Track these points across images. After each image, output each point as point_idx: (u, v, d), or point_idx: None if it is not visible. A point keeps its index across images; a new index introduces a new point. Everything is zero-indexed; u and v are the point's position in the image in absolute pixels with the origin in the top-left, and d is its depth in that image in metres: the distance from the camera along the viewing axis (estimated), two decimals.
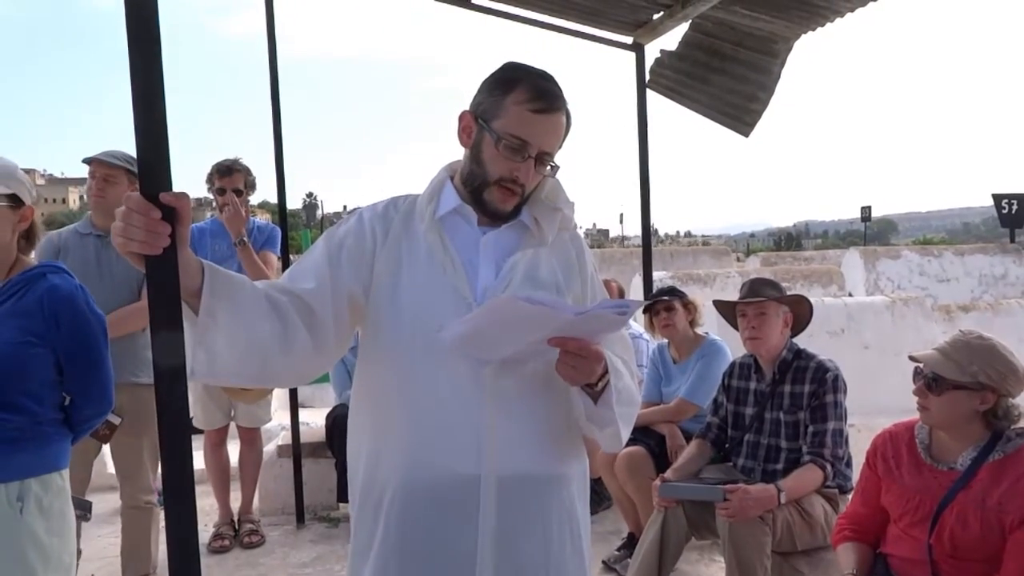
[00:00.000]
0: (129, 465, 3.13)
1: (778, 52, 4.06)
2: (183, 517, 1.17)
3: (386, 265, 1.50)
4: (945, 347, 2.15)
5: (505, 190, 1.49)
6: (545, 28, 4.61)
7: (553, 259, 1.58)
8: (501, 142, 1.45)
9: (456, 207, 1.53)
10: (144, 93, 1.13)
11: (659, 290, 3.98)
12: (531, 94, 1.46)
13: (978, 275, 8.17)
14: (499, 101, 1.47)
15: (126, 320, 3.03)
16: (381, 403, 1.51)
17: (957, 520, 2.06)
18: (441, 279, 1.49)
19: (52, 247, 3.13)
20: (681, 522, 2.87)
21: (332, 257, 1.49)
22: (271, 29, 4.26)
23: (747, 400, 3.07)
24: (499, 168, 1.47)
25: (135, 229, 1.14)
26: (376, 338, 1.51)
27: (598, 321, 1.38)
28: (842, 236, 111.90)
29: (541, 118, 1.46)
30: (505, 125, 1.46)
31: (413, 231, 1.53)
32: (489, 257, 1.52)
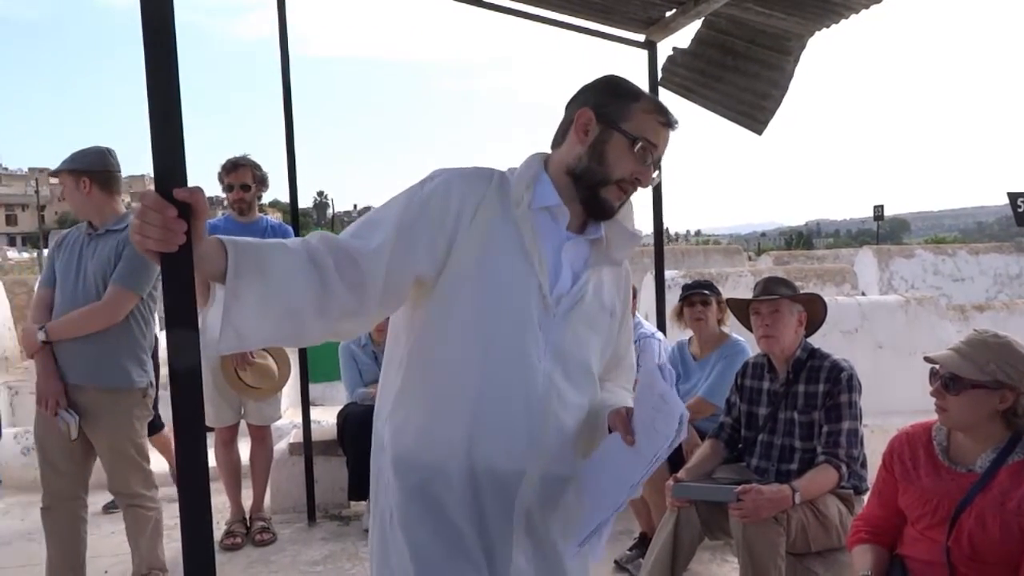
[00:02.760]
0: (106, 468, 3.12)
1: (792, 49, 4.03)
2: (199, 515, 1.17)
3: (473, 243, 1.47)
4: (961, 346, 2.12)
5: (622, 190, 1.54)
6: (558, 26, 4.59)
7: (612, 281, 1.64)
8: (638, 144, 1.50)
9: (555, 206, 1.54)
10: (160, 94, 1.14)
11: (697, 282, 3.98)
12: (657, 107, 1.56)
13: (993, 274, 8.11)
14: (627, 106, 1.53)
15: (82, 320, 2.97)
16: (442, 382, 1.50)
17: (976, 522, 2.04)
18: (527, 272, 1.49)
19: (55, 244, 3.21)
20: (694, 522, 2.85)
21: (406, 228, 1.43)
22: (283, 29, 4.27)
23: (760, 400, 3.05)
24: (625, 168, 1.52)
25: (151, 227, 1.13)
26: (450, 315, 1.49)
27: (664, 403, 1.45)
28: (854, 235, 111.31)
29: (666, 131, 1.55)
30: (638, 129, 1.51)
31: (507, 213, 1.51)
32: (567, 264, 1.55)
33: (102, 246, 3.05)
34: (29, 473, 5.13)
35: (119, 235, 3.05)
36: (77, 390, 3.01)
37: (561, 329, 1.52)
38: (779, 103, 4.18)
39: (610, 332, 1.66)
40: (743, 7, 3.83)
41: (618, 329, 1.70)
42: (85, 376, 3.01)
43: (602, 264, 1.60)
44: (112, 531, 4.14)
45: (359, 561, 3.81)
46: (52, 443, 3.04)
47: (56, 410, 2.96)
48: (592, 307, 1.57)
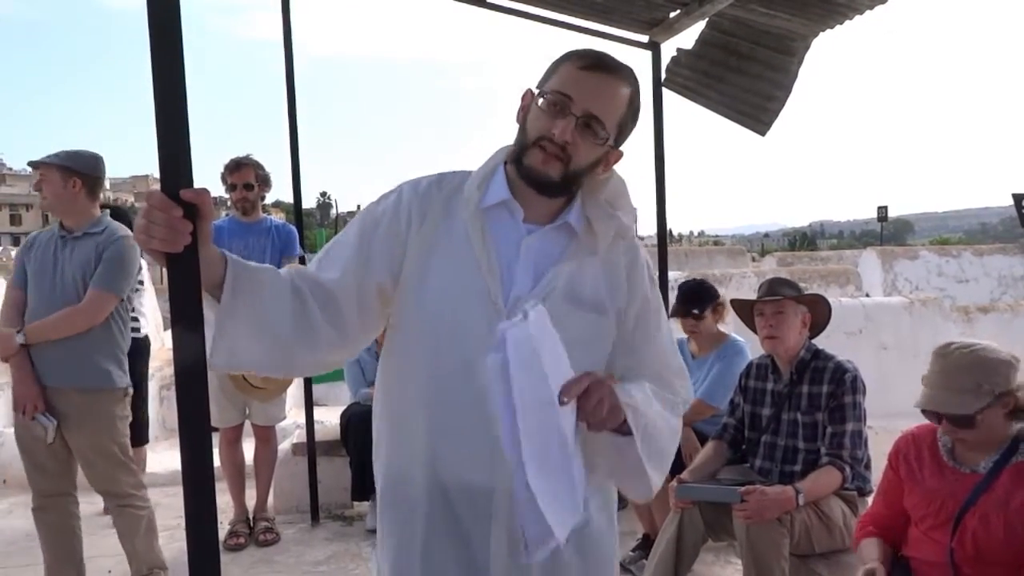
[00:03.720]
0: (86, 468, 3.11)
1: (796, 50, 4.03)
2: (203, 515, 1.17)
3: (417, 251, 1.40)
4: (944, 380, 2.09)
5: (544, 152, 1.34)
6: (561, 27, 4.59)
7: (600, 273, 1.43)
8: (543, 97, 1.35)
9: (505, 200, 1.40)
10: (166, 93, 1.13)
11: (689, 292, 3.79)
12: (585, 57, 1.37)
13: (997, 276, 8.10)
14: (555, 69, 1.38)
15: (62, 323, 2.97)
16: (400, 399, 1.45)
17: (980, 523, 2.04)
18: (473, 277, 1.36)
19: (25, 246, 3.17)
20: (698, 523, 2.85)
21: (363, 244, 1.40)
22: (287, 29, 4.28)
23: (764, 401, 3.05)
24: (538, 127, 1.35)
25: (156, 227, 1.13)
26: (399, 329, 1.44)
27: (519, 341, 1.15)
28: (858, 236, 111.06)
29: (589, 75, 1.34)
30: (552, 84, 1.36)
31: (455, 215, 1.41)
32: (529, 262, 1.39)
33: (80, 248, 3.05)
34: None
35: (97, 238, 3.06)
36: (55, 393, 2.99)
37: None
38: (783, 104, 4.17)
39: (602, 331, 1.43)
40: (747, 8, 3.83)
41: (625, 319, 1.45)
42: (64, 378, 2.99)
43: (581, 256, 1.40)
44: (113, 532, 4.15)
45: (362, 561, 3.81)
46: (34, 444, 3.03)
47: (33, 414, 2.95)
48: (565, 311, 1.35)
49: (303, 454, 4.46)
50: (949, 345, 2.16)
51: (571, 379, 1.23)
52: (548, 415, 1.17)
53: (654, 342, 1.49)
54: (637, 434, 1.33)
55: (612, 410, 1.27)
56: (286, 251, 4.12)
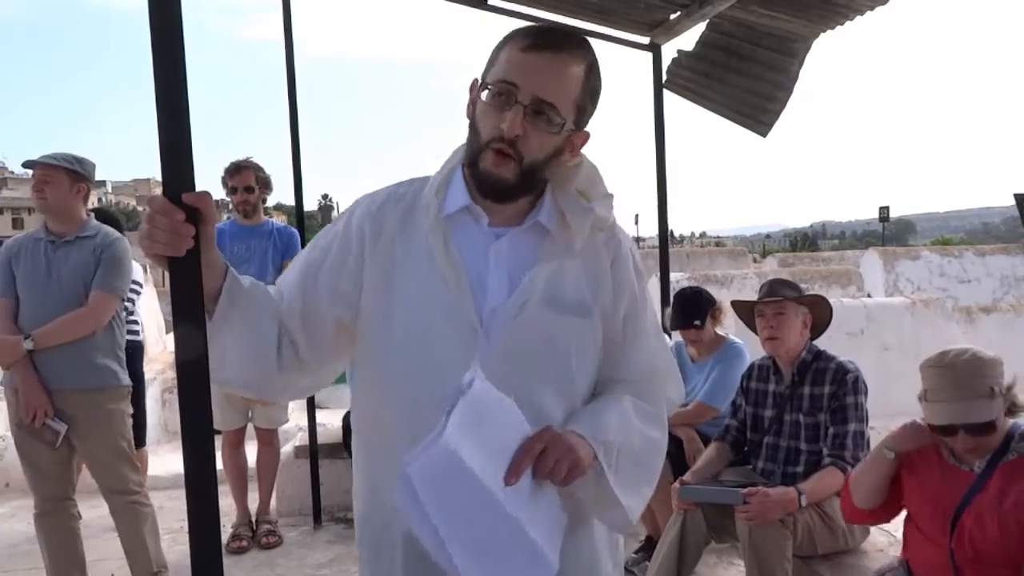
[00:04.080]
0: (95, 468, 3.13)
1: (796, 51, 4.03)
2: (207, 518, 1.17)
3: (376, 275, 1.28)
4: (960, 392, 2.08)
5: (496, 153, 1.20)
6: None
7: (581, 271, 1.29)
8: (484, 91, 1.21)
9: (466, 205, 1.27)
10: (167, 95, 1.14)
11: (686, 305, 3.73)
12: (526, 36, 1.21)
13: (999, 276, 8.09)
14: (496, 54, 1.24)
15: (70, 326, 2.99)
16: (373, 438, 1.34)
17: (975, 523, 2.04)
18: (441, 295, 1.23)
19: (7, 253, 3.11)
20: (700, 525, 2.85)
21: (307, 275, 1.31)
22: (288, 31, 4.28)
23: (766, 402, 3.04)
24: (487, 126, 1.21)
25: (159, 231, 1.13)
26: (366, 362, 1.32)
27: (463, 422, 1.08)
28: (859, 237, 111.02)
29: (533, 56, 1.19)
30: (494, 73, 1.22)
31: (414, 228, 1.28)
32: (501, 268, 1.25)
33: (76, 252, 3.05)
34: None
35: (94, 241, 3.07)
36: (60, 395, 3.00)
37: (501, 353, 1.22)
38: (784, 105, 4.17)
39: (589, 336, 1.30)
40: (748, 9, 3.83)
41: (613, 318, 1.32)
42: (70, 380, 3.00)
43: (558, 256, 1.26)
44: (115, 535, 4.15)
45: None
46: (36, 449, 3.04)
47: (44, 420, 2.96)
48: (546, 316, 1.24)
49: (305, 457, 4.46)
50: (944, 355, 2.14)
51: (522, 449, 1.13)
52: (488, 513, 1.09)
53: (642, 341, 1.38)
54: (609, 473, 1.23)
55: (573, 466, 1.17)
56: (287, 253, 4.12)
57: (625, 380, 1.35)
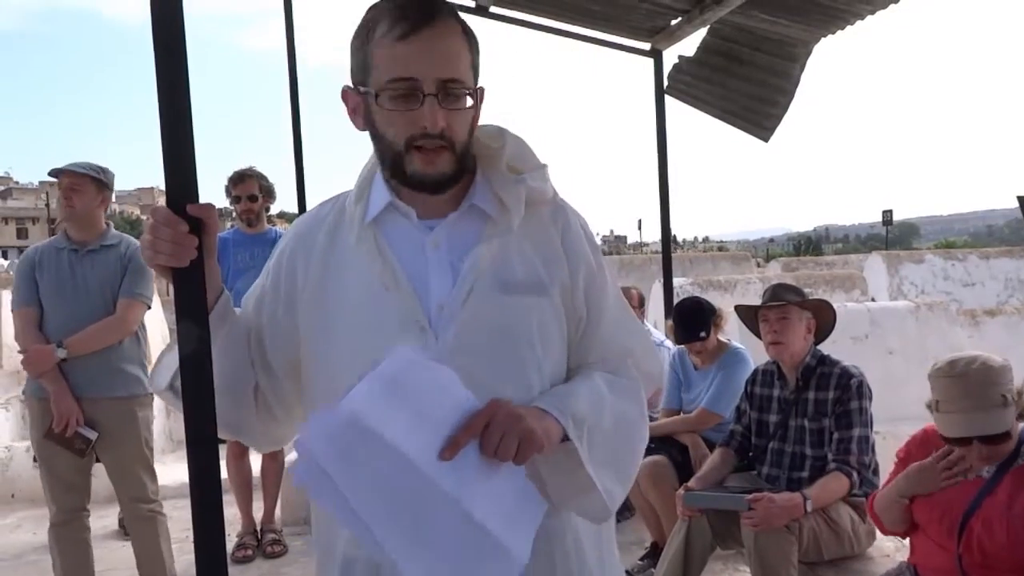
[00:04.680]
0: (119, 478, 3.14)
1: (797, 56, 4.04)
2: (212, 528, 1.17)
3: (311, 299, 1.21)
4: (975, 402, 2.07)
5: (424, 151, 1.12)
6: (563, 35, 4.62)
7: (527, 247, 1.20)
8: (381, 96, 1.12)
9: (389, 203, 1.19)
10: (171, 107, 1.15)
11: (690, 318, 3.69)
12: (390, 19, 1.11)
13: (1004, 279, 8.07)
14: (364, 54, 1.13)
15: (101, 334, 3.01)
16: None
17: (984, 528, 2.03)
18: (383, 301, 1.16)
19: (29, 262, 3.11)
20: (705, 532, 2.84)
21: (254, 325, 1.27)
22: (290, 40, 4.30)
23: (771, 407, 3.04)
24: (400, 129, 1.12)
25: (162, 242, 1.14)
26: (313, 382, 1.24)
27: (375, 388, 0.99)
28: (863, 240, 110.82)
29: (414, 40, 1.10)
30: (380, 75, 1.12)
31: (341, 243, 1.21)
32: (442, 261, 1.17)
33: (102, 261, 3.07)
34: (41, 487, 5.14)
35: (117, 249, 3.09)
36: (90, 404, 3.01)
37: (457, 347, 1.13)
38: (786, 109, 4.18)
39: (550, 313, 1.20)
40: (748, 15, 3.84)
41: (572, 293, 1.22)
42: (99, 388, 3.02)
43: (500, 236, 1.18)
44: (123, 545, 4.15)
45: None
46: (61, 459, 3.03)
47: (75, 428, 2.97)
48: (499, 300, 1.15)
49: None
50: (955, 364, 2.11)
51: (462, 423, 1.03)
52: (415, 484, 0.98)
53: (607, 315, 1.27)
54: (582, 449, 1.13)
55: (525, 440, 1.05)
56: None
57: (596, 361, 1.25)
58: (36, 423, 3.08)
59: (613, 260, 9.70)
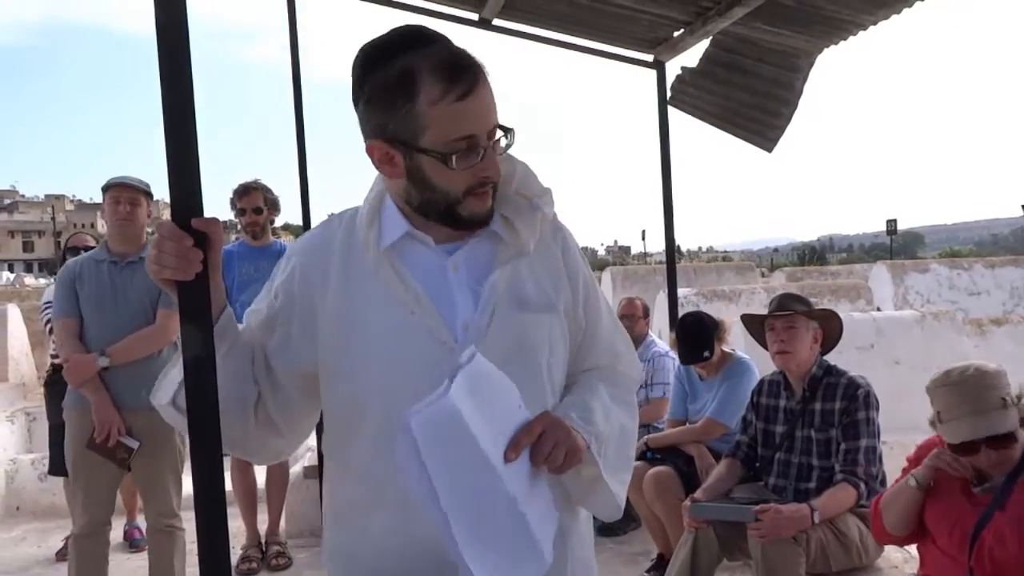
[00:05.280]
0: (150, 488, 3.15)
1: (800, 67, 4.05)
2: (216, 540, 1.17)
3: (336, 322, 1.24)
4: (973, 406, 2.07)
5: (479, 196, 1.20)
6: (565, 47, 4.64)
7: (538, 267, 1.28)
8: (452, 156, 1.15)
9: (406, 232, 1.24)
10: (175, 121, 1.15)
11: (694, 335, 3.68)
12: (444, 82, 1.13)
13: (1009, 288, 8.04)
14: (411, 113, 1.15)
15: (142, 343, 3.06)
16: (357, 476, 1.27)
17: (995, 540, 2.02)
18: (409, 322, 1.20)
19: (69, 274, 3.16)
20: (712, 543, 2.83)
21: (260, 329, 1.29)
22: (295, 54, 4.32)
23: (777, 418, 3.03)
24: (461, 181, 1.18)
25: (168, 256, 1.15)
26: (337, 408, 1.27)
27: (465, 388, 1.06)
28: (867, 250, 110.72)
29: (472, 100, 1.14)
30: (440, 134, 1.15)
31: (359, 266, 1.24)
32: (462, 283, 1.23)
33: (142, 272, 3.08)
34: (46, 499, 5.14)
35: None
36: (130, 414, 3.03)
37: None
38: (789, 120, 4.19)
39: (559, 328, 1.30)
40: (751, 26, 3.85)
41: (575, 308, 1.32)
42: (140, 399, 3.00)
43: (512, 259, 1.25)
44: (128, 557, 4.15)
45: None
46: (94, 471, 3.04)
47: (117, 438, 2.98)
48: (517, 318, 1.23)
49: (314, 477, 4.44)
50: (949, 374, 2.13)
51: (522, 428, 1.12)
52: (486, 482, 1.06)
53: (602, 324, 1.37)
54: (601, 461, 1.25)
55: (570, 453, 1.16)
56: None
57: (594, 367, 1.37)
58: (74, 434, 3.09)
59: (617, 271, 9.71)
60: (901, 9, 3.42)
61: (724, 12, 3.69)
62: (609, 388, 1.34)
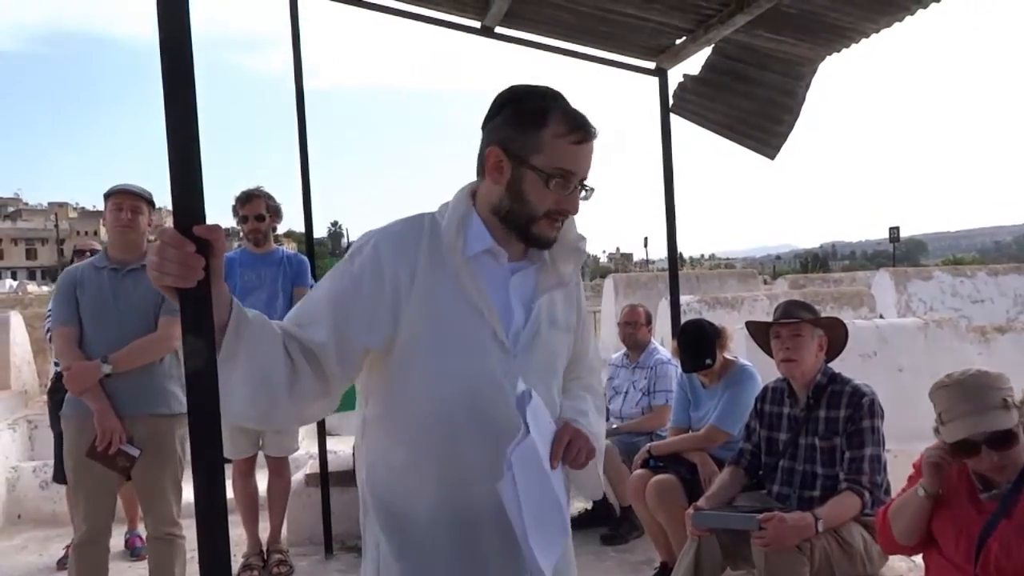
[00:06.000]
0: (151, 496, 3.14)
1: (803, 74, 4.05)
2: (216, 548, 1.16)
3: (419, 306, 1.45)
4: (972, 406, 2.06)
5: (552, 220, 1.48)
6: (568, 55, 4.64)
7: (563, 296, 1.61)
8: (552, 179, 1.44)
9: (488, 247, 1.49)
10: (179, 133, 1.15)
11: (696, 344, 3.70)
12: (568, 126, 1.44)
13: (1013, 295, 8.01)
14: (535, 135, 1.43)
15: (144, 351, 3.06)
16: (416, 442, 1.49)
17: (1001, 549, 2.01)
18: (478, 323, 1.47)
19: (70, 280, 3.14)
20: (715, 552, 2.81)
21: (340, 304, 1.43)
22: (298, 63, 4.33)
23: (781, 425, 3.01)
24: (547, 202, 1.45)
25: (170, 263, 1.15)
26: (408, 381, 1.48)
27: (537, 420, 1.41)
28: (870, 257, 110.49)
29: (582, 148, 1.46)
30: (550, 160, 1.43)
31: (441, 265, 1.47)
32: (518, 297, 1.52)
33: (144, 279, 3.05)
34: (47, 507, 5.13)
35: None
36: (132, 422, 3.02)
37: (525, 367, 1.49)
38: (791, 128, 4.18)
39: (568, 344, 1.64)
40: (753, 34, 3.86)
41: (579, 330, 1.68)
42: (141, 406, 3.04)
43: (552, 288, 1.56)
44: (129, 565, 4.14)
45: None
46: (98, 479, 3.03)
47: (118, 446, 2.97)
48: (550, 334, 1.55)
49: (316, 485, 4.43)
50: (950, 376, 2.14)
51: (556, 440, 1.46)
52: (546, 489, 1.42)
53: (588, 340, 1.74)
54: (599, 455, 1.60)
55: (589, 454, 1.51)
56: (298, 281, 4.14)
57: (579, 377, 1.71)
58: (74, 442, 3.08)
59: (619, 278, 9.69)
60: (903, 17, 3.42)
61: (726, 20, 3.69)
62: (592, 398, 1.69)
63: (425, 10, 4.49)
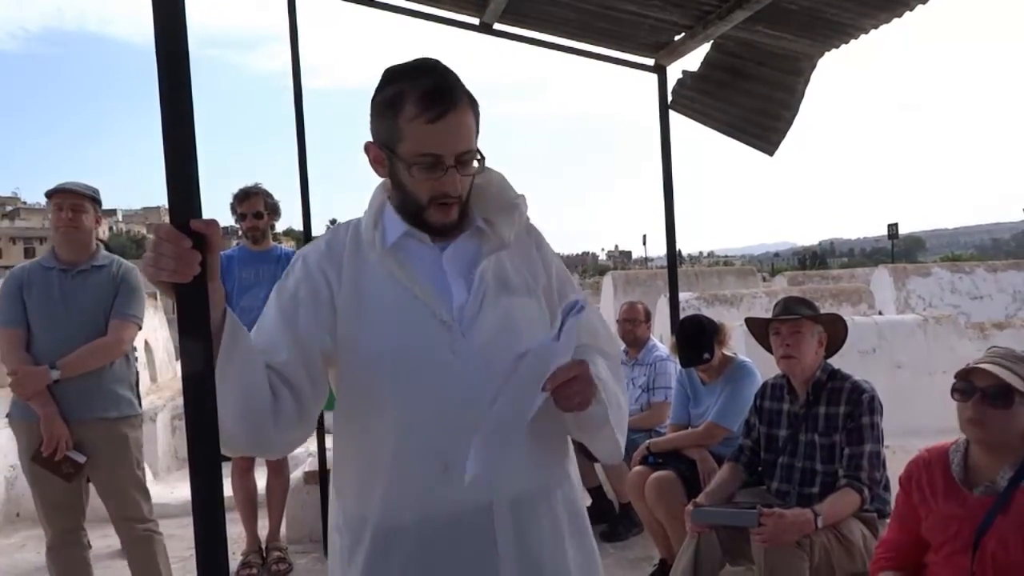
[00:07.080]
0: (116, 500, 3.10)
1: (802, 70, 4.04)
2: (214, 546, 1.16)
3: (349, 305, 1.42)
4: (1000, 360, 2.05)
5: (441, 206, 1.40)
6: (567, 52, 4.63)
7: (517, 259, 1.52)
8: (413, 167, 1.37)
9: (405, 232, 1.44)
10: (175, 127, 1.14)
11: (694, 341, 3.70)
12: (420, 106, 1.34)
13: (1012, 291, 8.01)
14: (394, 124, 1.37)
15: (94, 355, 2.99)
16: (370, 444, 1.44)
17: (998, 545, 2.00)
18: (413, 304, 1.41)
19: (16, 281, 3.05)
20: (715, 548, 2.81)
21: (289, 320, 1.40)
22: (296, 61, 4.32)
23: (780, 422, 3.01)
24: (424, 190, 1.39)
25: (165, 259, 1.13)
26: (354, 380, 1.44)
27: (569, 336, 1.35)
28: (868, 254, 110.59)
29: (441, 125, 1.35)
30: (413, 146, 1.36)
31: (366, 261, 1.45)
32: (456, 272, 1.45)
33: (94, 281, 3.05)
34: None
35: (109, 269, 3.08)
36: (80, 426, 2.98)
37: (478, 340, 1.41)
38: (790, 124, 4.18)
39: (536, 312, 1.50)
40: (752, 30, 3.85)
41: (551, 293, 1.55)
42: (90, 410, 2.99)
43: (495, 251, 1.47)
44: (113, 566, 4.13)
45: None
46: (51, 482, 2.98)
47: (64, 453, 2.93)
48: (503, 300, 1.45)
49: (315, 483, 4.43)
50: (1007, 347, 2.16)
51: (563, 367, 1.34)
52: (526, 401, 1.33)
53: (562, 287, 1.59)
54: (611, 407, 1.45)
55: (584, 402, 1.38)
56: None
57: (578, 344, 1.49)
58: (24, 446, 3.03)
59: (618, 275, 9.69)
60: (902, 13, 3.42)
61: (725, 16, 3.68)
62: (606, 362, 1.54)
63: (424, 7, 4.48)
